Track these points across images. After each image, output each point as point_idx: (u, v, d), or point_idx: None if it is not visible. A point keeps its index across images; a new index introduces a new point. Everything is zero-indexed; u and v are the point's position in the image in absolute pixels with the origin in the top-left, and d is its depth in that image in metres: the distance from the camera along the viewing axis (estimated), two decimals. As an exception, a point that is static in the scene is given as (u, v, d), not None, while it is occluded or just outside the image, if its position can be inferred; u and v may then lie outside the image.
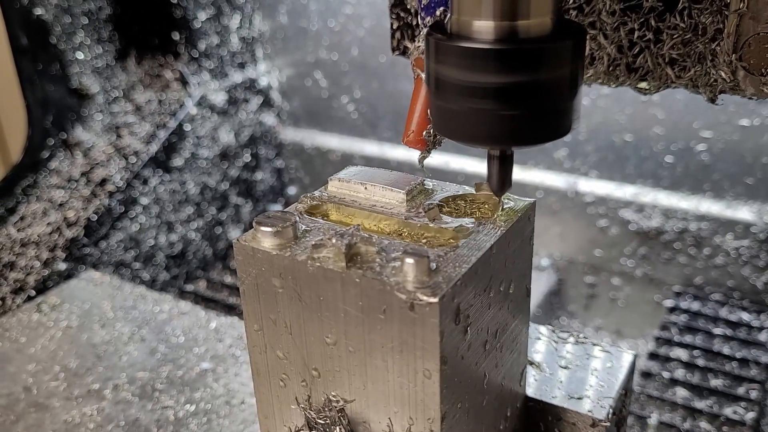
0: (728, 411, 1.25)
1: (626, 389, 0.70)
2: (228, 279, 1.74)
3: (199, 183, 1.73)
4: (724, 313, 1.50)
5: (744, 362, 1.36)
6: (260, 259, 0.54)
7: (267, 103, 1.92)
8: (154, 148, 1.62)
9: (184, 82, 1.72)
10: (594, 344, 0.74)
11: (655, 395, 1.29)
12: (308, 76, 1.89)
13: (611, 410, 0.66)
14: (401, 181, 0.60)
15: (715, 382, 1.31)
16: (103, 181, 1.54)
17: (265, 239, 0.54)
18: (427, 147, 0.66)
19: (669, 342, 1.43)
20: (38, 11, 1.51)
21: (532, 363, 0.72)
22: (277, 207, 1.97)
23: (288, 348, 0.57)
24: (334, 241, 0.52)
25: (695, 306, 1.53)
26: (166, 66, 1.74)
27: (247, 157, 1.87)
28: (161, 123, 1.66)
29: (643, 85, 0.68)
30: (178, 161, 1.67)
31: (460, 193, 0.61)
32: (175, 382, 0.92)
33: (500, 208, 0.58)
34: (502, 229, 0.55)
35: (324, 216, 0.60)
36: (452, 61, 0.48)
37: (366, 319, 0.51)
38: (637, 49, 0.66)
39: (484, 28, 0.47)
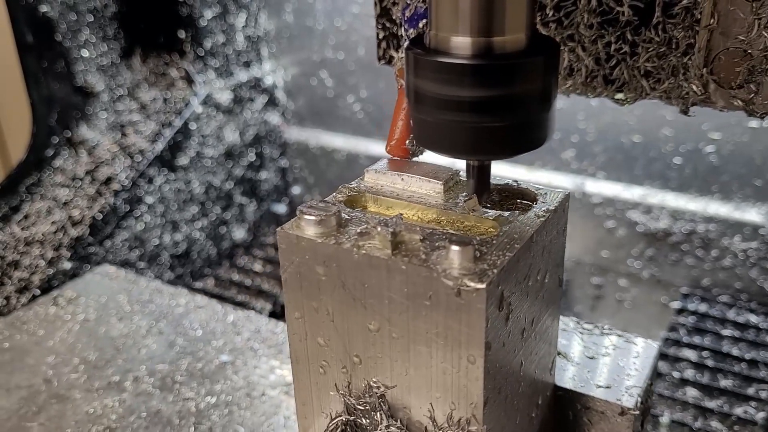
0: (739, 410, 1.26)
1: (651, 380, 0.73)
2: (236, 277, 1.76)
3: (204, 182, 1.74)
4: (731, 315, 1.51)
5: (753, 363, 1.37)
6: (304, 247, 0.56)
7: (272, 102, 1.94)
8: (160, 146, 1.63)
9: (189, 80, 1.73)
10: (619, 335, 0.76)
11: (666, 394, 1.31)
12: (314, 75, 1.90)
13: (639, 399, 0.68)
14: (437, 172, 0.63)
15: (725, 382, 1.33)
16: (108, 180, 1.55)
17: (309, 228, 0.56)
18: (409, 155, 0.68)
19: (677, 343, 1.44)
20: (44, 8, 1.52)
21: (559, 353, 0.74)
22: (281, 207, 1.99)
23: (329, 335, 0.59)
24: (379, 229, 0.54)
25: (703, 308, 1.54)
26: (171, 64, 1.75)
27: (251, 157, 1.89)
28: (166, 121, 1.67)
29: (619, 96, 0.70)
30: (183, 160, 1.68)
31: (495, 183, 0.64)
32: (195, 375, 0.94)
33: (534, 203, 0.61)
34: (540, 219, 0.58)
35: (362, 207, 0.62)
36: (430, 75, 0.51)
37: (411, 305, 0.53)
38: (613, 62, 0.69)
39: (461, 43, 0.50)
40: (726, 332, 1.47)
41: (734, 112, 1.40)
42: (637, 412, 0.68)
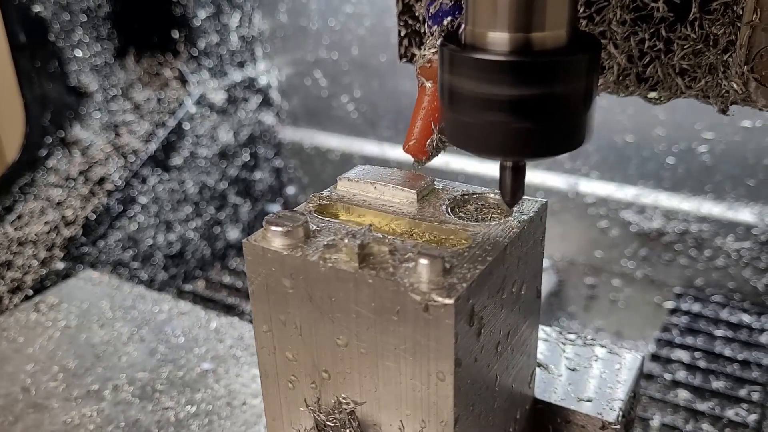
0: (730, 413, 1.25)
1: (635, 391, 0.70)
2: (227, 279, 1.74)
3: (198, 182, 1.73)
4: (725, 314, 1.51)
5: (745, 364, 1.37)
6: (270, 259, 0.54)
7: (266, 103, 1.92)
8: (153, 146, 1.62)
9: (183, 80, 1.72)
10: (602, 346, 0.74)
11: (657, 397, 1.29)
12: (308, 75, 1.89)
13: (621, 413, 0.66)
14: (411, 181, 0.60)
15: (717, 384, 1.32)
16: (102, 180, 1.54)
17: (276, 239, 0.53)
18: (428, 157, 0.65)
19: (670, 343, 1.43)
20: (37, 8, 1.51)
21: (540, 365, 0.71)
22: (275, 207, 1.98)
23: (297, 349, 0.56)
24: (346, 241, 0.51)
25: (696, 308, 1.53)
26: (165, 64, 1.74)
27: (246, 157, 1.88)
28: (160, 122, 1.65)
29: (653, 95, 0.67)
30: (177, 160, 1.67)
31: (470, 192, 0.61)
32: (175, 383, 0.92)
33: (511, 213, 0.58)
34: (515, 230, 0.55)
35: (334, 216, 0.59)
36: (466, 72, 0.48)
37: (378, 320, 0.51)
38: (647, 59, 0.66)
39: (498, 39, 0.47)
40: (719, 332, 1.46)
41: (732, 110, 1.37)
42: (618, 426, 0.65)
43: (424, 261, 0.49)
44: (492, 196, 0.61)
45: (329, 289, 0.52)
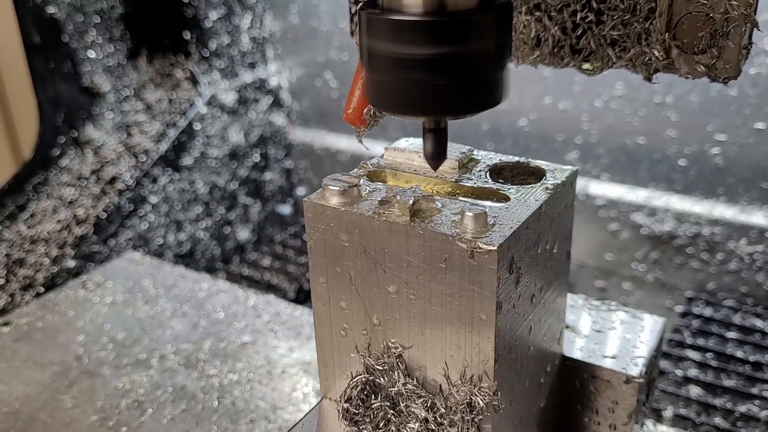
0: (742, 408, 1.30)
1: (656, 352, 0.79)
2: (246, 271, 1.82)
3: (209, 182, 1.81)
4: (737, 319, 1.54)
5: (757, 366, 1.41)
6: (329, 215, 0.63)
7: (277, 103, 2.00)
8: (164, 147, 1.69)
9: (194, 81, 1.80)
10: (625, 311, 0.83)
11: (669, 390, 1.35)
12: (318, 76, 1.96)
13: (644, 369, 0.75)
14: (452, 150, 0.69)
15: (729, 383, 1.37)
16: (113, 180, 1.61)
17: (333, 197, 0.63)
18: (366, 124, 0.71)
19: (681, 344, 1.48)
20: (51, 9, 1.58)
21: (567, 326, 0.80)
22: (286, 207, 2.06)
23: (351, 299, 0.65)
24: (398, 198, 0.60)
25: (708, 312, 1.56)
26: (176, 65, 1.82)
27: (256, 157, 1.95)
28: (171, 122, 1.73)
29: (586, 66, 0.71)
30: (187, 160, 1.74)
31: (507, 161, 0.70)
32: (217, 354, 1.02)
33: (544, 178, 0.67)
34: (549, 191, 0.64)
35: (382, 181, 0.69)
36: (383, 34, 0.52)
37: (428, 268, 0.60)
38: (580, 31, 0.69)
39: (413, 1, 0.51)
40: (731, 335, 1.49)
41: (745, 112, 1.40)
42: (642, 380, 0.74)
43: (469, 214, 0.58)
44: (526, 164, 0.70)
45: (383, 241, 0.61)
